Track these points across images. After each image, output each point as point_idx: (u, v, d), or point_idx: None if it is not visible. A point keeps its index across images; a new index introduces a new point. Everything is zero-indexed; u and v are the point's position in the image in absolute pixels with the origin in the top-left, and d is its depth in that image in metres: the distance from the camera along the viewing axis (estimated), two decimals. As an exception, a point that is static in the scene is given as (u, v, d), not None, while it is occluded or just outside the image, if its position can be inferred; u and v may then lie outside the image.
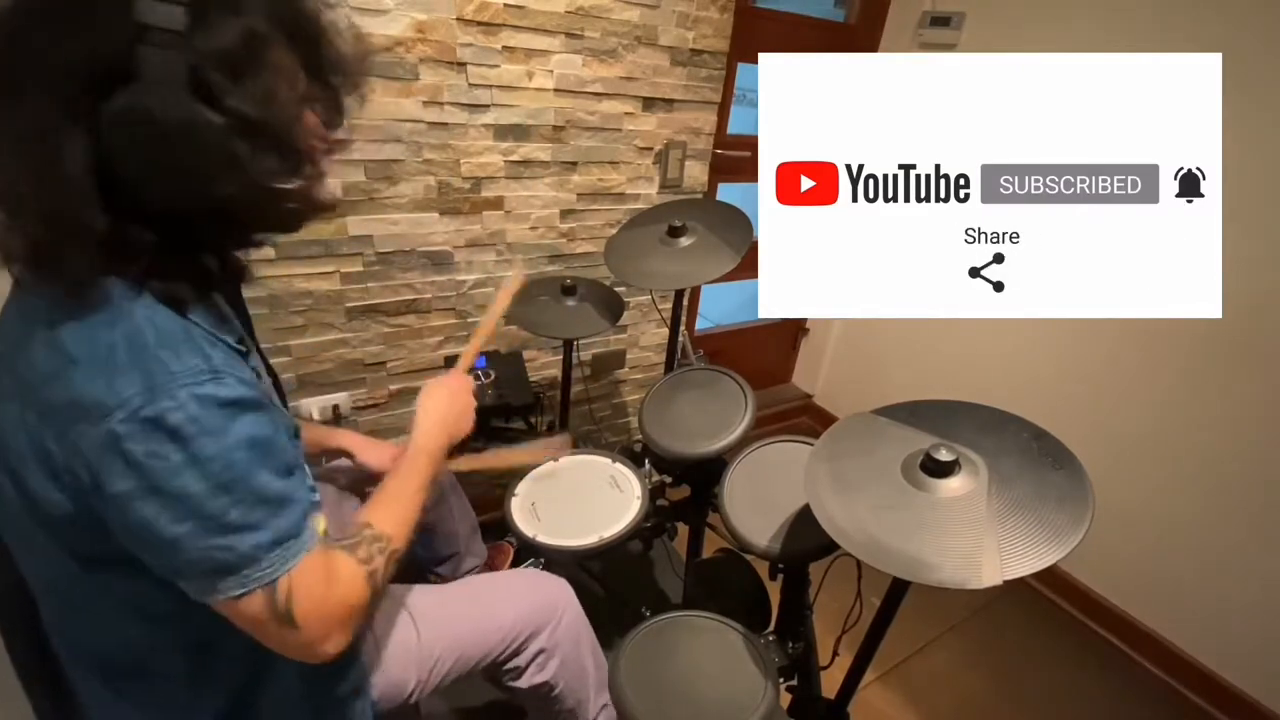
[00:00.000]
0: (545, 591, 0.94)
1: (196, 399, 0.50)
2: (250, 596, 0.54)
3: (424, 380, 1.65)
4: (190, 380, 0.50)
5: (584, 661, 0.96)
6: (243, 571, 0.53)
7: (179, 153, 0.47)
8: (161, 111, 0.45)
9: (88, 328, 0.50)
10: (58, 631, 0.65)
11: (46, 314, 0.51)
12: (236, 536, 0.52)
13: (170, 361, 0.50)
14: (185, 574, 0.54)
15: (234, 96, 0.48)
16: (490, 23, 1.35)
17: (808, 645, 1.04)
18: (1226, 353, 1.43)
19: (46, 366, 0.50)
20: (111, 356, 0.49)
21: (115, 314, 0.50)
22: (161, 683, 0.64)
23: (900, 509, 0.73)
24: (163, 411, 0.48)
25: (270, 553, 0.54)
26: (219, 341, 0.56)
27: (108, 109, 0.45)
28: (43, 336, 0.50)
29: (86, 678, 0.65)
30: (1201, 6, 1.37)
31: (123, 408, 0.48)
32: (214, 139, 0.47)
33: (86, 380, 0.49)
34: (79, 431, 0.49)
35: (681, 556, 1.58)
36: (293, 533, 0.56)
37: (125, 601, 0.59)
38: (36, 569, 0.61)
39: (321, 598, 0.58)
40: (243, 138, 0.49)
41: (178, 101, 0.46)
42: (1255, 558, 1.44)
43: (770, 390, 2.59)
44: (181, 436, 0.49)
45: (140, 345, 0.50)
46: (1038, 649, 1.69)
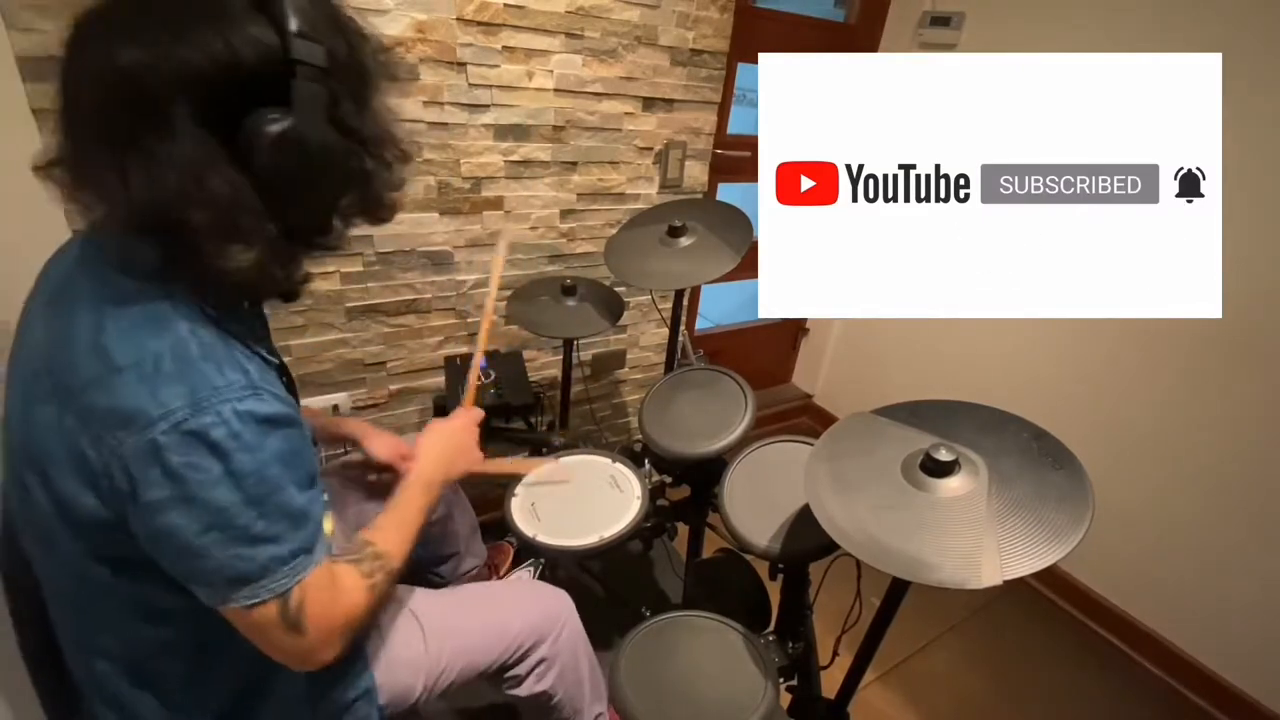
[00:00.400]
0: (548, 603, 0.96)
1: (238, 415, 0.51)
2: (264, 605, 0.55)
3: (424, 380, 1.66)
4: (233, 396, 0.52)
5: (581, 672, 0.97)
6: (259, 581, 0.54)
7: (318, 170, 0.53)
8: (310, 135, 0.51)
9: (133, 335, 0.51)
10: (67, 630, 0.65)
11: (90, 318, 0.52)
12: (259, 548, 0.54)
13: (214, 376, 0.52)
14: (202, 580, 0.55)
15: (357, 120, 0.56)
16: (490, 23, 1.35)
17: (808, 645, 1.04)
18: (1226, 353, 1.43)
19: (89, 372, 0.51)
20: (158, 366, 0.50)
21: (161, 324, 0.52)
22: (165, 682, 0.64)
23: (900, 509, 0.73)
24: (206, 426, 0.50)
25: (286, 565, 0.56)
26: (254, 355, 0.58)
27: (261, 134, 0.49)
28: (86, 341, 0.52)
29: (93, 676, 0.65)
30: (1201, 6, 1.37)
31: (166, 419, 0.49)
32: (345, 156, 0.56)
33: (130, 388, 0.50)
34: (119, 439, 0.50)
35: (681, 556, 1.58)
36: (308, 546, 0.58)
37: (138, 603, 0.60)
38: (53, 569, 0.62)
39: (328, 608, 0.60)
40: (366, 154, 0.58)
41: (321, 126, 0.52)
42: (1255, 558, 1.44)
43: (770, 390, 2.59)
44: (222, 450, 0.51)
45: (186, 357, 0.51)
46: (1038, 649, 1.69)
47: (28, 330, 0.58)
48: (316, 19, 0.51)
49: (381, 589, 0.68)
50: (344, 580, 0.64)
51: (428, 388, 1.64)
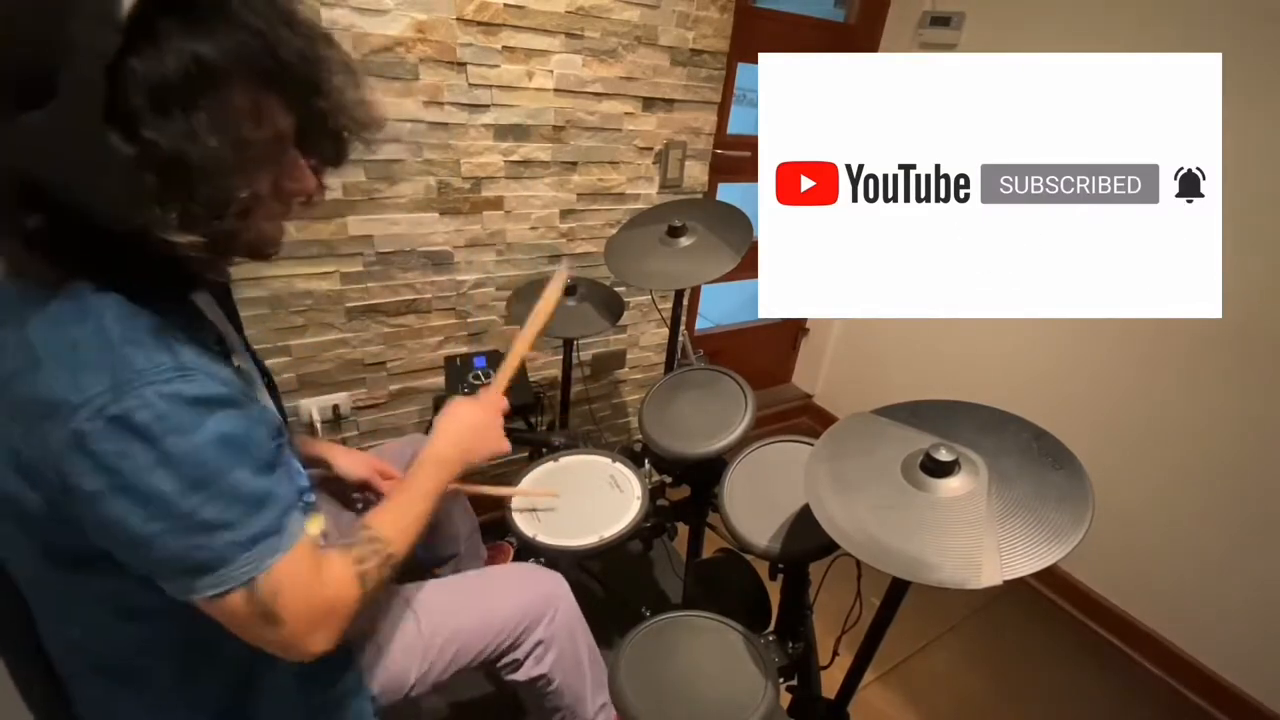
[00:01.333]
0: (541, 584, 0.95)
1: (163, 396, 0.49)
2: (230, 595, 0.53)
3: (424, 380, 1.66)
4: (156, 378, 0.49)
5: (580, 655, 0.96)
6: (219, 570, 0.52)
7: (84, 175, 0.46)
8: (71, 133, 0.44)
9: (55, 324, 0.49)
10: (48, 631, 0.64)
11: (17, 312, 0.50)
12: (211, 535, 0.51)
13: (135, 359, 0.49)
14: (161, 573, 0.53)
15: (154, 128, 0.45)
16: (490, 23, 1.35)
17: (808, 645, 1.04)
18: (1227, 353, 1.43)
19: (13, 364, 0.49)
20: (75, 353, 0.48)
21: (83, 311, 0.50)
22: (151, 681, 0.63)
23: (900, 509, 0.73)
24: (128, 410, 0.48)
25: (247, 551, 0.53)
26: (192, 340, 0.54)
27: (24, 121, 0.44)
28: (14, 336, 0.50)
29: (79, 677, 0.64)
30: (1201, 6, 1.37)
31: (87, 405, 0.47)
32: (116, 168, 0.45)
33: (51, 377, 0.48)
34: (45, 430, 0.48)
35: (681, 556, 1.58)
36: (271, 530, 0.55)
37: (110, 600, 0.58)
38: (23, 570, 0.61)
39: (307, 596, 0.58)
40: (154, 173, 0.45)
41: (89, 125, 0.43)
42: (1255, 558, 1.44)
43: (770, 390, 2.59)
44: (149, 435, 0.48)
45: (105, 342, 0.49)
46: (1038, 649, 1.69)
47: None
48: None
49: (376, 576, 0.65)
50: (331, 568, 0.61)
51: (428, 388, 1.64)
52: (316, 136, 0.59)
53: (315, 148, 0.60)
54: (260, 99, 0.51)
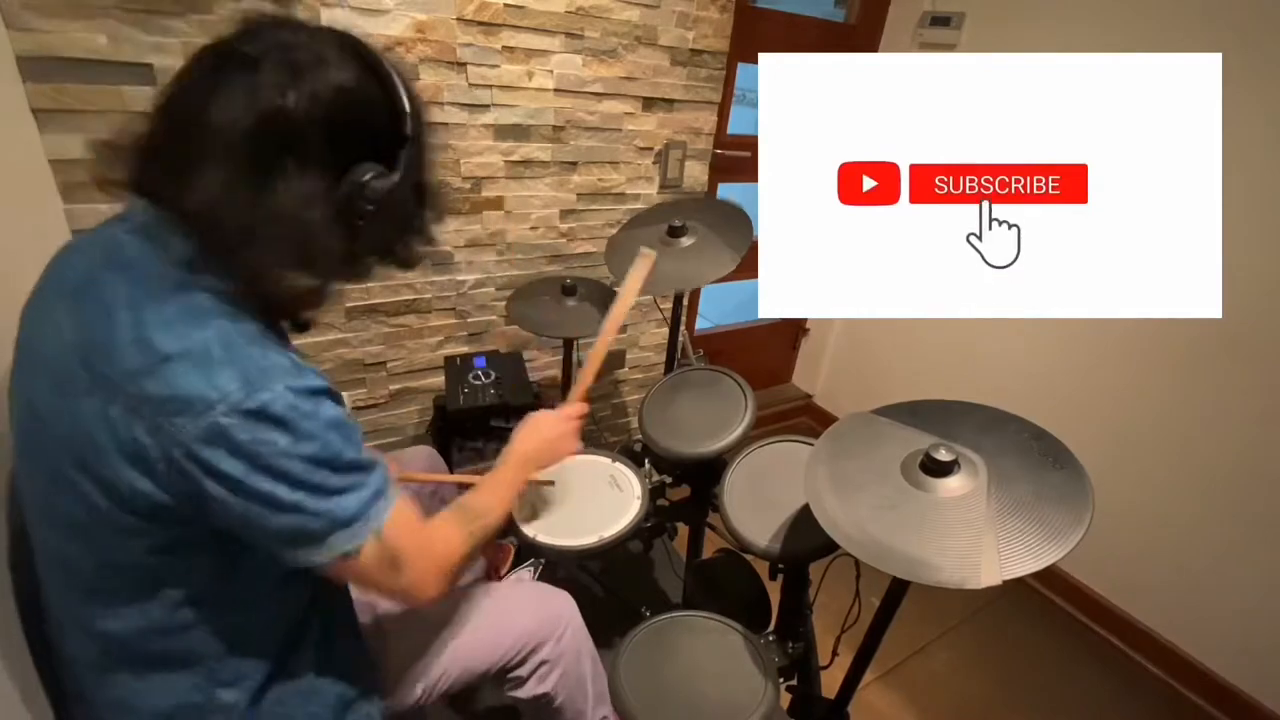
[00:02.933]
0: (551, 604, 0.96)
1: (290, 389, 0.56)
2: (363, 549, 0.61)
3: (424, 380, 1.66)
4: (281, 374, 0.56)
5: (584, 674, 0.97)
6: (354, 525, 0.60)
7: (393, 220, 0.63)
8: (401, 194, 0.62)
9: (177, 326, 0.54)
10: (79, 625, 0.64)
11: (127, 313, 0.54)
12: (343, 497, 0.59)
13: (260, 359, 0.56)
14: (304, 536, 0.59)
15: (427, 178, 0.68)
16: (490, 23, 1.35)
17: (808, 645, 1.04)
18: (1226, 353, 1.43)
19: (134, 363, 0.53)
20: (207, 353, 0.54)
21: (201, 316, 0.55)
22: (191, 665, 0.64)
23: (900, 509, 0.73)
24: (264, 403, 0.54)
25: (372, 506, 0.61)
26: (284, 349, 0.61)
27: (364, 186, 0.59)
28: (126, 334, 0.54)
29: (102, 671, 0.64)
30: (1201, 6, 1.37)
31: (224, 401, 0.53)
32: (414, 213, 0.67)
33: (184, 376, 0.53)
34: (177, 424, 0.52)
35: (681, 556, 1.58)
36: (383, 487, 0.63)
37: (171, 589, 0.61)
38: (80, 559, 0.61)
39: (422, 542, 0.67)
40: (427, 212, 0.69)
41: (408, 196, 0.64)
42: (1255, 557, 1.44)
43: (770, 390, 2.59)
44: (284, 421, 0.55)
45: (232, 344, 0.55)
46: (1038, 649, 1.69)
47: (47, 326, 0.59)
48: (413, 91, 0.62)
49: (478, 536, 0.75)
50: (441, 525, 0.72)
51: (428, 388, 1.64)
52: None
53: None
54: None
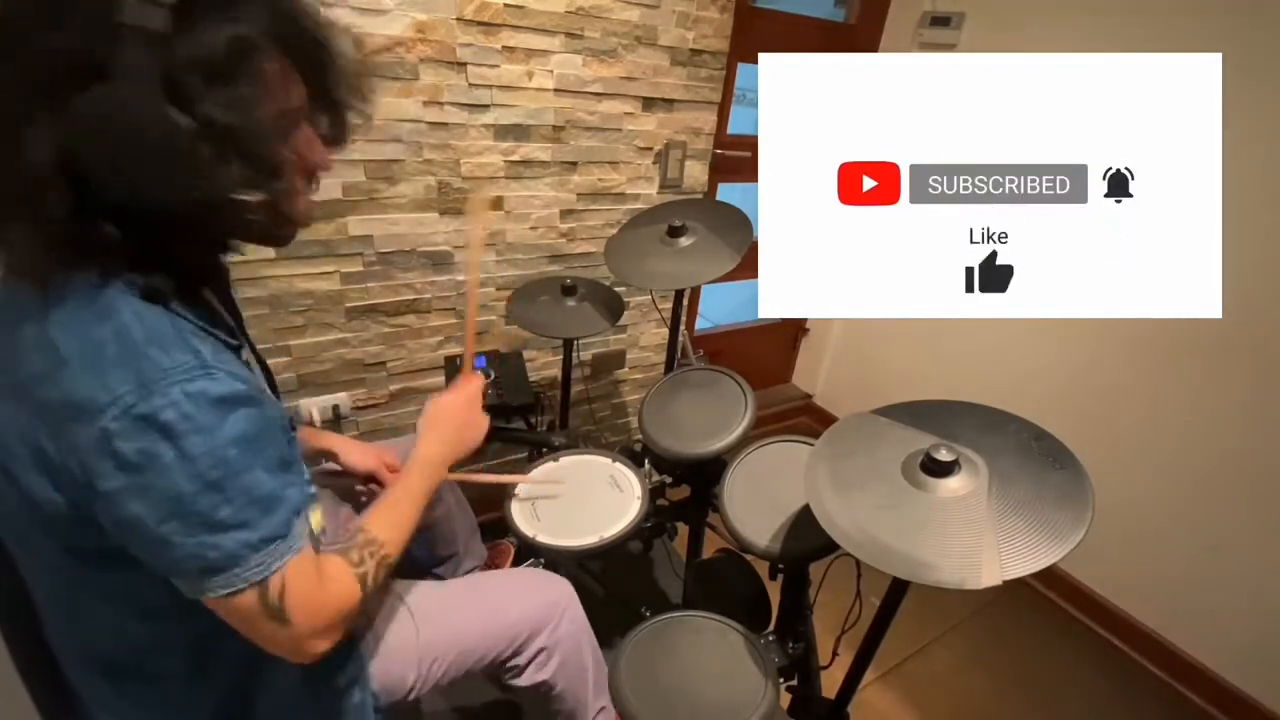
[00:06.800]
0: (547, 590, 0.95)
1: (188, 395, 0.50)
2: (241, 594, 0.54)
3: (424, 380, 1.66)
4: (182, 377, 0.50)
5: (584, 661, 0.96)
6: (232, 570, 0.53)
7: (143, 152, 0.47)
8: (130, 110, 0.45)
9: (77, 325, 0.50)
10: (57, 631, 0.65)
11: (37, 313, 0.51)
12: (224, 535, 0.52)
13: (160, 358, 0.50)
14: (176, 571, 0.54)
15: (208, 102, 0.47)
16: (490, 23, 1.35)
17: (808, 645, 1.04)
18: (1227, 353, 1.42)
19: (38, 366, 0.50)
20: (101, 354, 0.49)
21: (103, 311, 0.50)
22: (161, 679, 0.64)
23: (900, 509, 0.73)
24: (155, 409, 0.49)
25: (259, 552, 0.54)
26: (209, 336, 0.56)
27: (79, 103, 0.44)
28: (33, 335, 0.50)
29: (87, 676, 0.65)
30: (1201, 6, 1.37)
31: (115, 405, 0.48)
32: (179, 142, 0.47)
33: (78, 378, 0.49)
34: (72, 430, 0.49)
35: (681, 556, 1.58)
36: (280, 533, 0.56)
37: (124, 599, 0.59)
38: (34, 567, 0.61)
39: (313, 596, 0.59)
40: (210, 143, 0.48)
41: (148, 102, 0.45)
42: (1255, 557, 1.44)
43: (770, 390, 2.59)
44: (173, 434, 0.49)
45: (130, 342, 0.50)
46: (1038, 649, 1.69)
47: None
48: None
49: (375, 577, 0.67)
50: (331, 569, 0.63)
51: (428, 388, 1.64)
52: (323, 108, 0.62)
53: (320, 121, 0.62)
54: (285, 69, 0.54)
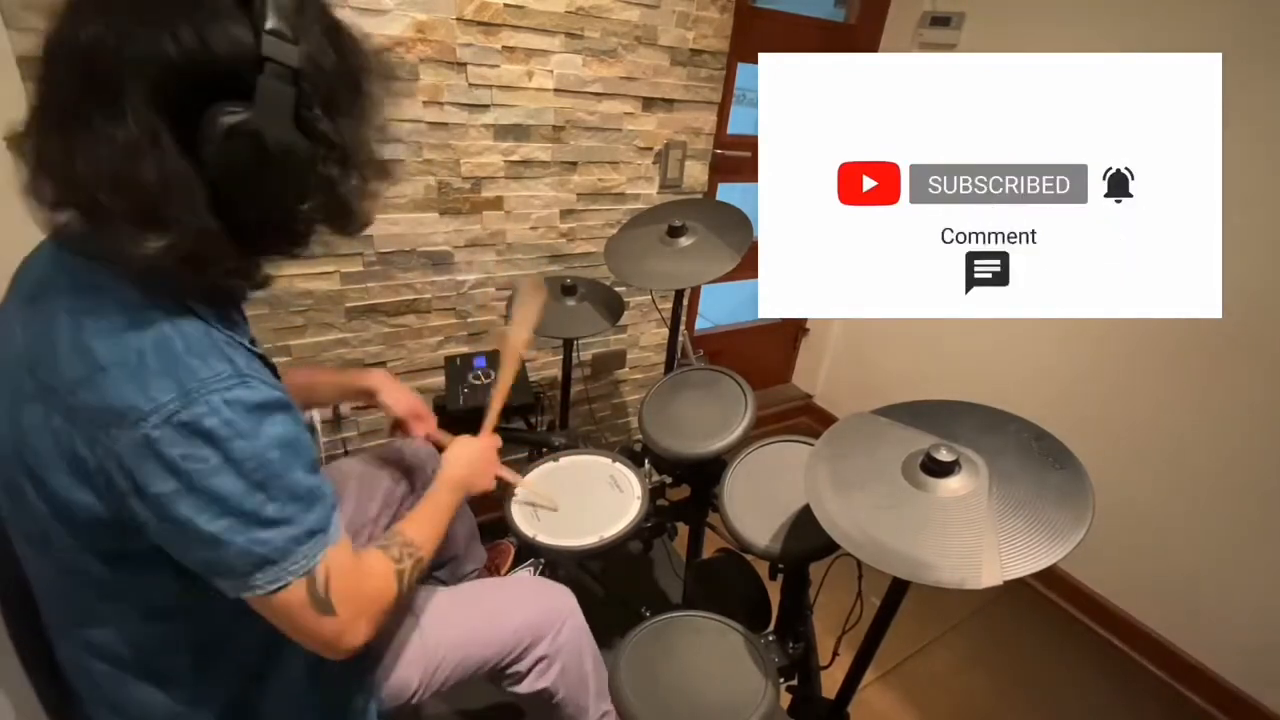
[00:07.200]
0: (549, 599, 0.96)
1: (228, 403, 0.52)
2: (291, 587, 0.57)
3: (424, 380, 1.66)
4: (220, 386, 0.52)
5: (585, 669, 0.97)
6: (281, 564, 0.56)
7: (274, 170, 0.52)
8: (269, 133, 0.50)
9: (115, 334, 0.52)
10: (64, 631, 0.65)
11: (69, 318, 0.52)
12: (274, 530, 0.55)
13: (199, 368, 0.52)
14: (225, 570, 0.55)
15: (329, 126, 0.54)
16: (490, 23, 1.35)
17: (808, 645, 1.04)
18: (1227, 352, 1.42)
19: (74, 372, 0.51)
20: (142, 362, 0.51)
21: (140, 319, 0.52)
22: (172, 679, 0.64)
23: (900, 509, 0.73)
24: (197, 416, 0.51)
25: (304, 545, 0.57)
26: (237, 344, 0.57)
27: (216, 125, 0.48)
28: (67, 342, 0.52)
29: (91, 678, 0.65)
30: (1201, 6, 1.37)
31: (157, 413, 0.50)
32: (307, 160, 0.54)
33: (119, 385, 0.50)
34: (112, 436, 0.50)
35: (681, 556, 1.58)
36: (322, 525, 0.59)
37: (138, 599, 0.60)
38: (49, 570, 0.62)
39: (354, 586, 0.62)
40: (330, 163, 0.55)
41: (283, 127, 0.51)
42: (1256, 557, 1.44)
43: (770, 390, 2.59)
44: (216, 439, 0.52)
45: (170, 351, 0.52)
46: (1038, 649, 1.69)
47: (5, 332, 0.57)
48: (300, 21, 0.51)
49: (410, 575, 0.71)
50: (373, 564, 0.67)
51: (428, 388, 1.64)
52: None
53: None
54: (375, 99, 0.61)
